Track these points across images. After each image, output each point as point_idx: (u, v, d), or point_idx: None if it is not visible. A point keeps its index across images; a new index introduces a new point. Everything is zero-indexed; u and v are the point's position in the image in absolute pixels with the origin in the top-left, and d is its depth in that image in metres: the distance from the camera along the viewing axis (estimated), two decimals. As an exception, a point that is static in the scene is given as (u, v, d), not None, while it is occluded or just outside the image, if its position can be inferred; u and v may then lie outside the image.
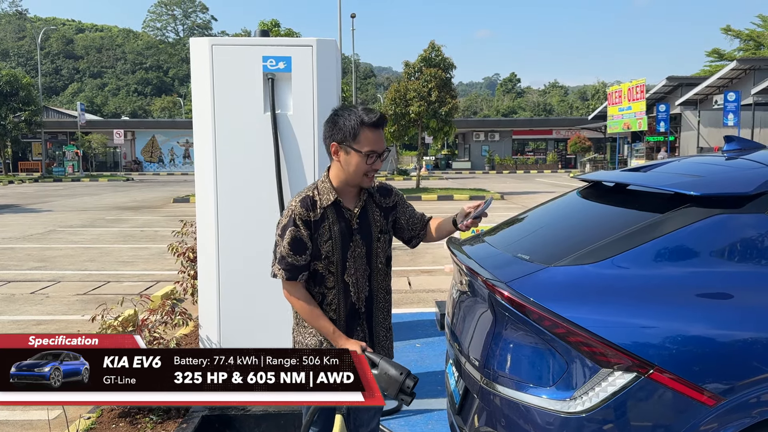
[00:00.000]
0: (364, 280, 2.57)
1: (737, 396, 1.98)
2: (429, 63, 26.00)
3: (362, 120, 2.39)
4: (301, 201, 2.47)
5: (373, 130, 2.41)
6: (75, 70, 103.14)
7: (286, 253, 2.45)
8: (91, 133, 48.58)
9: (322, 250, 2.48)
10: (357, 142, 2.40)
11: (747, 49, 48.24)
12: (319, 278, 2.53)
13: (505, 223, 3.22)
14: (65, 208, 20.24)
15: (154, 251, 11.24)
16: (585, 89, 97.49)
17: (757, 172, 2.38)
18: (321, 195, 2.49)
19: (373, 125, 2.40)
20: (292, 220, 2.45)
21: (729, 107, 28.16)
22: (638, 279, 2.17)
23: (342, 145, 2.43)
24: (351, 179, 2.47)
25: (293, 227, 2.44)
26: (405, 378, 2.28)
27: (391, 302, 2.74)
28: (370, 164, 2.42)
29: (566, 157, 50.47)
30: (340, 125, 2.42)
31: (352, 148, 2.41)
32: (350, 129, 2.40)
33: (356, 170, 2.43)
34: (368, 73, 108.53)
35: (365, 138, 2.40)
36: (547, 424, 2.09)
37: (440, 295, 7.60)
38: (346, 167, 2.45)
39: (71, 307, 7.31)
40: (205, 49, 3.83)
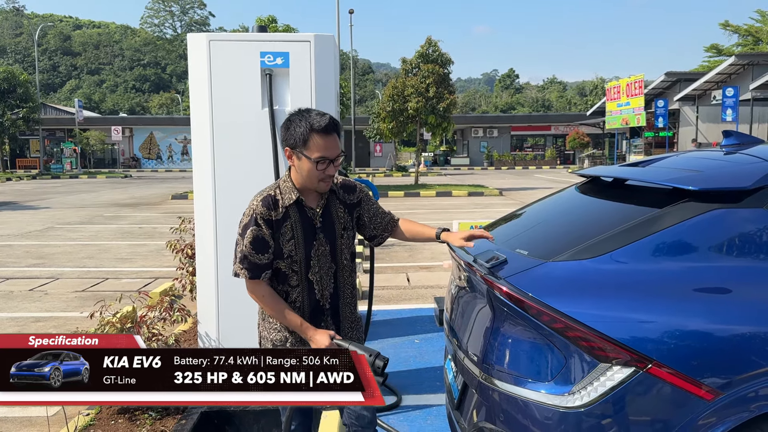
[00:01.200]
0: (329, 278, 2.57)
1: (735, 390, 1.98)
2: (426, 59, 25.95)
3: (311, 125, 2.36)
4: (262, 200, 2.45)
5: (324, 136, 2.37)
6: (72, 67, 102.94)
7: (248, 252, 2.44)
8: (89, 130, 48.45)
9: (285, 249, 2.47)
10: (307, 148, 2.38)
11: (745, 45, 48.20)
12: (282, 276, 2.52)
13: (503, 219, 3.22)
14: (63, 205, 20.21)
15: (153, 248, 11.23)
16: (583, 85, 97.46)
17: (756, 167, 2.38)
18: (283, 194, 2.48)
19: (322, 131, 2.37)
20: (253, 219, 2.44)
21: (727, 103, 28.15)
22: (637, 274, 2.17)
23: (294, 151, 2.42)
24: (306, 183, 2.46)
25: (255, 227, 2.43)
26: (374, 359, 2.28)
27: (357, 296, 2.74)
28: (322, 170, 2.40)
29: (565, 153, 50.44)
30: (291, 131, 2.41)
31: (303, 154, 2.39)
32: (300, 135, 2.38)
33: (309, 176, 2.42)
34: (366, 69, 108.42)
35: (314, 144, 2.37)
36: (545, 418, 2.09)
37: (439, 291, 7.60)
38: (300, 172, 2.44)
39: (69, 304, 7.30)
40: (203, 44, 3.82)
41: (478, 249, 2.67)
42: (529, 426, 2.13)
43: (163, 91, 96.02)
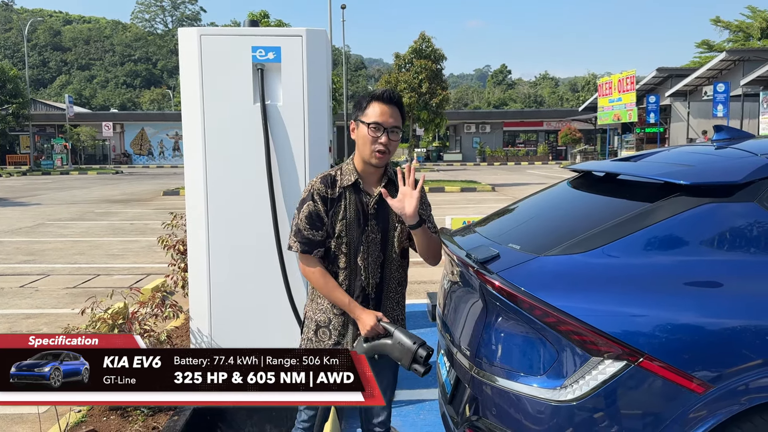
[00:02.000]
0: (377, 267, 2.60)
1: (726, 383, 2.00)
2: (420, 54, 25.96)
3: (373, 94, 2.51)
4: (322, 178, 2.55)
5: (381, 104, 2.48)
6: (63, 62, 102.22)
7: (302, 226, 2.52)
8: (80, 125, 48.17)
9: (336, 229, 2.53)
10: (364, 114, 2.50)
11: (736, 41, 48.45)
12: (332, 257, 2.57)
13: (495, 214, 3.22)
14: (54, 201, 20.09)
15: (144, 244, 11.18)
16: (575, 81, 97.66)
17: (747, 161, 2.39)
18: (343, 175, 2.56)
19: (380, 98, 2.48)
20: (310, 194, 2.53)
21: (718, 98, 28.31)
22: (628, 268, 2.18)
23: (356, 121, 2.55)
24: (364, 156, 2.52)
25: (311, 201, 2.52)
26: (418, 347, 2.31)
27: (404, 295, 2.74)
28: (375, 137, 2.46)
29: (557, 148, 50.57)
30: (356, 105, 2.58)
31: (360, 120, 2.51)
32: (361, 104, 2.53)
33: (363, 144, 2.49)
34: (359, 65, 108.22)
35: (372, 110, 2.48)
36: (537, 412, 2.10)
37: (432, 286, 7.61)
38: (358, 142, 2.53)
39: (61, 301, 7.27)
40: (194, 39, 3.79)
41: (471, 244, 2.67)
42: (522, 420, 2.14)
43: (155, 86, 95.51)
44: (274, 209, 3.77)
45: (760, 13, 46.42)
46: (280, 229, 3.77)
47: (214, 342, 4.02)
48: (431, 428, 3.74)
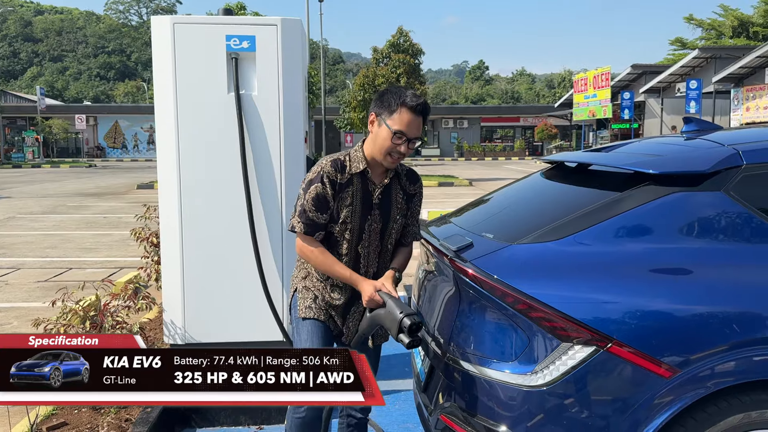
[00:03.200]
0: (375, 256, 2.63)
1: (692, 368, 2.04)
2: (397, 49, 25.95)
3: (404, 99, 2.43)
4: (332, 161, 2.51)
5: (411, 113, 2.43)
6: (34, 54, 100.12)
7: (308, 207, 2.49)
8: (52, 118, 47.27)
9: (341, 214, 2.52)
10: (391, 118, 2.44)
11: (709, 38, 49.21)
12: (333, 242, 2.57)
13: (470, 205, 3.24)
14: (25, 194, 19.72)
15: (117, 238, 11.03)
16: (552, 77, 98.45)
17: (714, 151, 2.44)
18: (352, 162, 2.54)
19: (412, 108, 2.43)
20: (319, 176, 2.48)
21: (691, 95, 28.75)
22: (599, 255, 2.21)
23: (379, 117, 2.49)
24: (376, 153, 2.50)
25: (320, 183, 2.48)
26: (403, 317, 2.26)
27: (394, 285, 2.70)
28: (395, 144, 2.44)
29: (533, 144, 50.97)
30: (383, 98, 2.49)
31: (385, 122, 2.45)
32: (390, 103, 2.45)
33: (381, 145, 2.47)
34: (337, 58, 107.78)
35: (400, 117, 2.43)
36: (509, 398, 2.12)
37: (409, 279, 7.62)
38: (375, 139, 2.50)
39: (31, 294, 7.15)
40: (167, 27, 3.75)
41: (445, 233, 2.69)
42: (494, 406, 2.16)
43: (129, 79, 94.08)
44: (249, 201, 3.75)
45: (731, 11, 47.21)
46: (255, 220, 3.75)
47: (188, 334, 3.99)
48: (406, 418, 3.76)
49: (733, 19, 46.60)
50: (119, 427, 3.42)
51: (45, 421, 3.50)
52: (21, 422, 3.52)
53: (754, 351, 2.07)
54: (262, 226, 3.82)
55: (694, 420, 2.07)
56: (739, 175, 2.28)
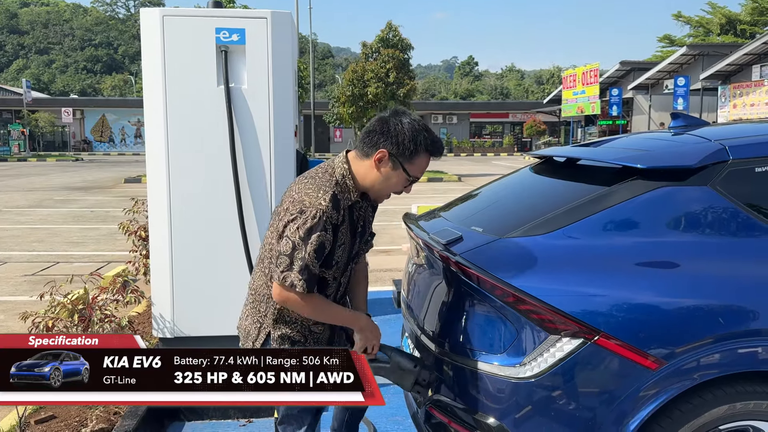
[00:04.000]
0: (347, 278, 2.45)
1: (678, 360, 2.06)
2: (387, 44, 25.87)
3: (428, 145, 2.21)
4: (332, 201, 2.12)
5: (429, 160, 2.25)
6: (20, 46, 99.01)
7: (310, 262, 2.10)
8: (38, 111, 46.75)
9: (335, 257, 2.23)
10: (411, 163, 2.20)
11: (697, 36, 49.50)
12: (322, 285, 2.27)
13: (459, 199, 3.26)
14: (11, 188, 19.53)
15: (105, 232, 10.96)
16: (541, 73, 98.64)
17: (701, 146, 2.47)
18: (343, 194, 2.20)
19: (435, 153, 2.24)
20: (322, 223, 2.10)
21: (679, 92, 28.95)
22: (587, 249, 2.23)
23: (395, 157, 2.18)
24: (377, 192, 2.27)
25: (322, 232, 2.11)
26: (420, 370, 2.36)
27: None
28: (405, 187, 2.27)
29: (522, 140, 51.08)
30: (401, 137, 2.17)
31: (403, 167, 2.19)
32: (412, 145, 2.17)
33: (387, 186, 2.23)
34: (326, 53, 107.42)
35: (419, 163, 2.21)
36: (498, 390, 2.14)
37: (397, 274, 7.64)
38: (383, 179, 2.21)
39: (18, 288, 7.09)
40: (156, 20, 3.73)
41: (435, 227, 2.70)
42: (483, 398, 2.18)
43: (116, 72, 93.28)
44: (239, 194, 3.75)
45: (719, 9, 47.52)
46: (244, 214, 3.75)
47: (177, 328, 3.99)
48: (395, 411, 3.78)
49: (721, 16, 46.92)
50: (108, 420, 3.41)
51: (33, 415, 3.49)
52: (9, 415, 3.50)
53: (739, 343, 2.11)
54: (252, 220, 3.82)
55: (680, 411, 2.10)
56: (726, 170, 2.31)
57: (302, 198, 2.14)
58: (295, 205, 2.14)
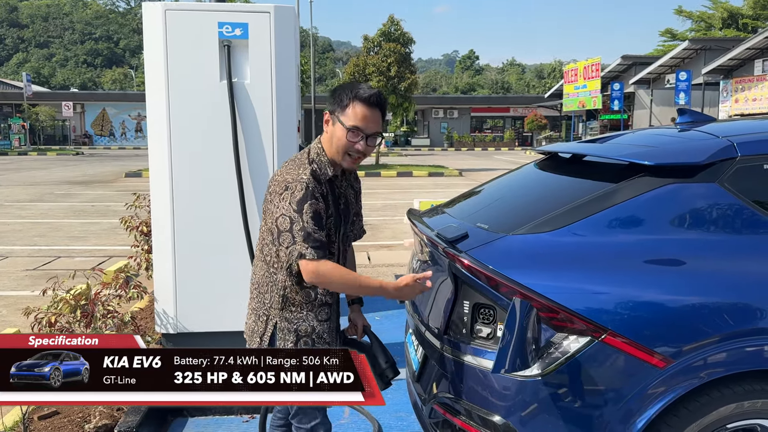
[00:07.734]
0: (343, 261, 2.49)
1: (686, 358, 2.05)
2: (388, 37, 25.83)
3: (356, 93, 2.26)
4: (312, 173, 2.25)
5: (365, 106, 2.25)
6: (20, 40, 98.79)
7: (311, 229, 2.18)
8: (39, 105, 46.74)
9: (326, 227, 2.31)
10: (344, 114, 2.27)
11: (698, 30, 49.38)
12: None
13: (463, 196, 3.24)
14: (12, 182, 19.52)
15: (106, 226, 10.96)
16: (542, 67, 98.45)
17: (709, 143, 2.45)
18: (320, 168, 2.31)
19: (365, 100, 2.25)
20: (310, 192, 2.21)
21: (680, 86, 28.89)
22: (594, 246, 2.21)
23: (332, 115, 2.31)
24: (334, 155, 2.31)
25: (313, 200, 2.21)
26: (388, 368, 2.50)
27: None
28: (352, 142, 2.26)
29: (523, 134, 51.02)
30: (335, 95, 2.32)
31: (339, 119, 2.28)
32: (342, 99, 2.28)
33: (337, 145, 2.28)
34: (327, 47, 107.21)
35: (353, 112, 2.25)
36: (504, 388, 2.13)
37: (400, 269, 7.63)
38: (331, 139, 2.31)
39: (20, 283, 7.09)
40: (158, 14, 3.71)
41: (440, 224, 2.68)
42: (488, 395, 2.17)
43: (116, 66, 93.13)
44: (242, 189, 3.73)
45: (721, 3, 47.38)
46: (247, 209, 3.73)
47: (180, 324, 3.98)
48: (399, 407, 3.77)
49: (723, 10, 46.77)
50: (111, 416, 3.41)
51: (37, 410, 3.48)
52: (12, 411, 3.50)
53: (747, 341, 2.09)
54: (255, 215, 3.80)
55: (687, 410, 2.08)
56: (734, 167, 2.29)
57: (285, 178, 2.28)
58: (280, 185, 2.27)
